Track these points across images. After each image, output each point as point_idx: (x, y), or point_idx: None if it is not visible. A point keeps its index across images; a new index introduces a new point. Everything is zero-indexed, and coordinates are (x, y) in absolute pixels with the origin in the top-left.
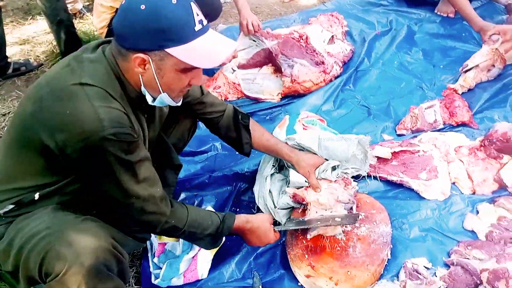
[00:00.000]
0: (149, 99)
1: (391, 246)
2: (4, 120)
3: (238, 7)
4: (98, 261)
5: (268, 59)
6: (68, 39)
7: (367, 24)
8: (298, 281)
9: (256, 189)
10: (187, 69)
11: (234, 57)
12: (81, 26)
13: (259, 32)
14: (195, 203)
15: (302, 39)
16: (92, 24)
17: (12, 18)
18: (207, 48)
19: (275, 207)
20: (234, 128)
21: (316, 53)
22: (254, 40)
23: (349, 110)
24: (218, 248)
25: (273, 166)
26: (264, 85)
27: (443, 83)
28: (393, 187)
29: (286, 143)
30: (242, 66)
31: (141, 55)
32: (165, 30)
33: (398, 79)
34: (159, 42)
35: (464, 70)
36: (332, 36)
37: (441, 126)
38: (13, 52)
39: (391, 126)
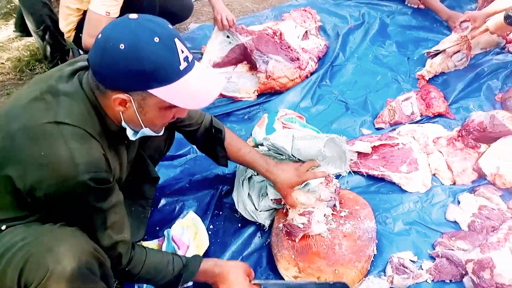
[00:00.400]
0: (129, 133)
1: (377, 242)
2: None
3: (212, 2)
4: (81, 264)
5: (243, 56)
6: (55, 45)
7: (340, 18)
8: None
9: (234, 194)
10: (172, 106)
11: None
12: None
13: (234, 27)
14: (176, 209)
15: (276, 35)
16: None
17: None
18: (193, 88)
19: (256, 209)
20: (211, 140)
21: (291, 49)
22: (228, 36)
23: (327, 106)
24: (203, 252)
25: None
26: (240, 83)
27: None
28: (375, 181)
29: (262, 152)
30: (216, 65)
31: (122, 95)
32: (148, 72)
33: (373, 72)
34: (141, 83)
35: (430, 55)
36: (306, 32)
37: (419, 118)
38: None
39: (369, 120)
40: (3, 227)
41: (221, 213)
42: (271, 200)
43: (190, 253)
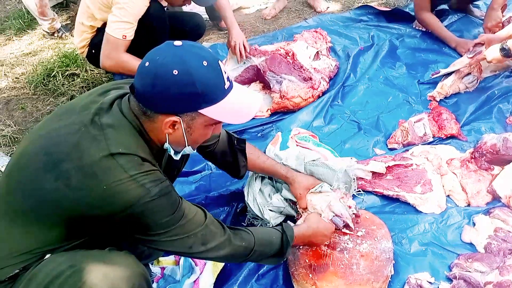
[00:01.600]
0: (172, 153)
1: (394, 262)
2: None
3: (228, 26)
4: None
5: (256, 76)
6: None
7: (349, 39)
8: None
9: (246, 188)
10: (215, 123)
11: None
12: (61, 46)
13: (248, 52)
14: None
15: (289, 56)
16: (73, 43)
17: None
18: (237, 105)
19: (266, 202)
20: (231, 153)
21: (304, 69)
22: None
23: (339, 125)
24: (219, 270)
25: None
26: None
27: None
28: (390, 201)
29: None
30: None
31: (173, 118)
32: (200, 93)
33: (385, 93)
34: (193, 105)
35: (436, 76)
36: (317, 52)
37: (431, 139)
38: None
39: (382, 140)
40: (46, 256)
41: None
42: (285, 199)
43: (207, 270)
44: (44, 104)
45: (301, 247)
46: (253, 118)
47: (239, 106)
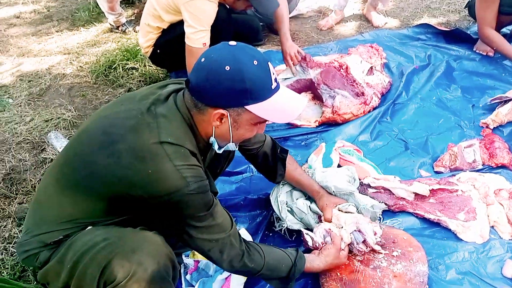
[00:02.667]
0: (216, 147)
1: (427, 287)
2: (47, 125)
3: (281, 37)
4: (160, 267)
5: (307, 87)
6: None
7: (405, 57)
8: None
9: (274, 188)
10: (259, 122)
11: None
12: (124, 41)
13: (304, 61)
14: None
15: (342, 69)
16: (136, 40)
17: (57, 28)
18: (282, 105)
19: (287, 203)
20: (272, 159)
21: (356, 83)
22: (297, 70)
23: (386, 143)
24: None
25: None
26: (302, 111)
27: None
28: (430, 225)
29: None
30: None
31: (221, 111)
32: (248, 90)
33: (436, 115)
34: (241, 100)
35: (494, 102)
36: (371, 67)
37: (480, 167)
38: (57, 61)
39: (428, 162)
40: (89, 228)
41: (271, 234)
42: (310, 209)
43: None
44: (103, 94)
45: None
46: (299, 127)
47: (284, 106)
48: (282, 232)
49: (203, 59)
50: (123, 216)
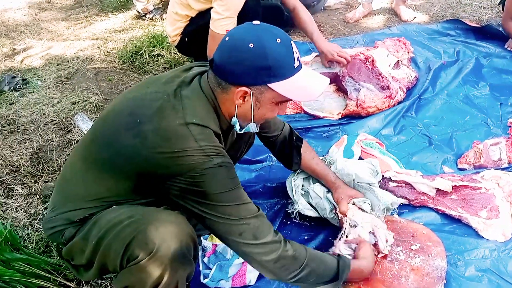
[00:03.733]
0: (237, 127)
1: (445, 282)
2: (73, 108)
3: (315, 41)
4: (182, 246)
5: (332, 80)
6: None
7: (433, 52)
8: None
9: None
10: (281, 101)
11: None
12: (151, 28)
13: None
14: None
15: (368, 61)
16: (163, 27)
17: (86, 14)
18: (304, 83)
19: (302, 188)
20: (288, 146)
21: (382, 77)
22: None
23: (409, 138)
24: None
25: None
26: (325, 103)
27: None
28: (451, 221)
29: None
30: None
31: (245, 88)
32: (271, 67)
33: (462, 111)
34: (263, 78)
35: None
36: (398, 61)
37: (506, 165)
38: (85, 46)
39: (452, 159)
40: (113, 207)
41: (289, 222)
42: (327, 199)
43: None
44: (129, 79)
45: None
46: (321, 118)
47: (306, 84)
48: (293, 215)
49: (227, 38)
50: (148, 197)
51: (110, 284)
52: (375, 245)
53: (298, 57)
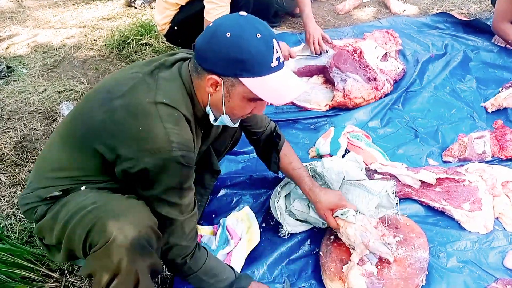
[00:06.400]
0: (211, 118)
1: (427, 273)
2: (59, 96)
3: (304, 19)
4: (141, 236)
5: (320, 70)
6: None
7: (421, 45)
8: None
9: (275, 190)
10: (254, 99)
11: (291, 56)
12: (139, 16)
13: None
14: (234, 201)
15: (356, 53)
16: (151, 16)
17: (73, 1)
18: (278, 85)
19: (286, 208)
20: (269, 145)
21: (369, 69)
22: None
23: (395, 130)
24: (253, 247)
25: None
26: (312, 95)
27: (495, 115)
28: (434, 213)
29: (310, 172)
30: None
31: (215, 77)
32: (244, 61)
33: (449, 105)
34: (235, 70)
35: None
36: (386, 53)
37: (490, 158)
38: (72, 34)
39: (437, 151)
40: (82, 188)
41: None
42: (312, 210)
43: (241, 245)
44: (115, 68)
45: (335, 241)
46: (309, 110)
47: (279, 87)
48: (286, 236)
49: (211, 24)
50: (116, 180)
51: None
52: (380, 258)
53: (278, 57)
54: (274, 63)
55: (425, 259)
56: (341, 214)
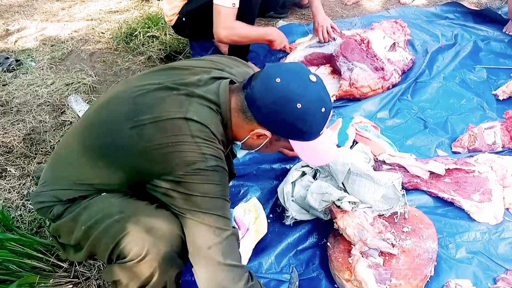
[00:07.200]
0: (237, 150)
1: (436, 264)
2: (67, 89)
3: (313, 10)
4: (172, 249)
5: (326, 60)
6: None
7: (430, 35)
8: (335, 283)
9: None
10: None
11: (286, 48)
12: (147, 9)
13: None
14: (241, 192)
15: (364, 43)
16: (158, 8)
17: None
18: (318, 150)
19: (292, 196)
20: None
21: (377, 58)
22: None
23: (404, 121)
24: (260, 238)
25: (307, 168)
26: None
27: (506, 105)
28: (443, 204)
29: None
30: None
31: (266, 132)
32: (303, 132)
33: (458, 95)
34: (291, 135)
35: None
36: (394, 44)
37: (500, 149)
38: (80, 27)
39: (446, 142)
40: (103, 194)
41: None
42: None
43: (248, 236)
44: (123, 60)
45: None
46: None
47: (318, 151)
48: (289, 223)
49: (278, 79)
50: (139, 194)
51: (103, 264)
52: (382, 252)
53: (326, 126)
54: (323, 131)
55: (434, 249)
56: (338, 200)
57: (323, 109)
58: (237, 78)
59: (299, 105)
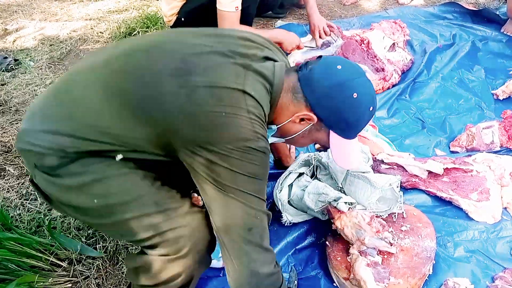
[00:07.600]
0: (269, 136)
1: (434, 262)
2: None
3: (308, 10)
4: (206, 247)
5: None
6: None
7: (429, 36)
8: (334, 282)
9: (278, 180)
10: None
11: (298, 48)
12: (145, 8)
13: (334, 31)
14: None
15: (364, 43)
16: (157, 8)
17: None
18: (349, 151)
19: (289, 202)
20: None
21: (377, 59)
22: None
23: (402, 121)
24: None
25: (305, 169)
26: None
27: (504, 104)
28: (441, 203)
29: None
30: (298, 65)
31: (314, 116)
32: (349, 124)
33: (456, 95)
34: (336, 124)
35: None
36: (393, 44)
37: (498, 149)
38: (78, 26)
39: (444, 142)
40: (118, 158)
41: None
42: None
43: None
44: None
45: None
46: None
47: (350, 153)
48: (287, 223)
49: (339, 67)
50: (165, 156)
51: (102, 263)
52: (380, 251)
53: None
54: (360, 133)
55: (432, 248)
56: (334, 201)
57: (371, 108)
58: (286, 63)
59: (355, 95)
